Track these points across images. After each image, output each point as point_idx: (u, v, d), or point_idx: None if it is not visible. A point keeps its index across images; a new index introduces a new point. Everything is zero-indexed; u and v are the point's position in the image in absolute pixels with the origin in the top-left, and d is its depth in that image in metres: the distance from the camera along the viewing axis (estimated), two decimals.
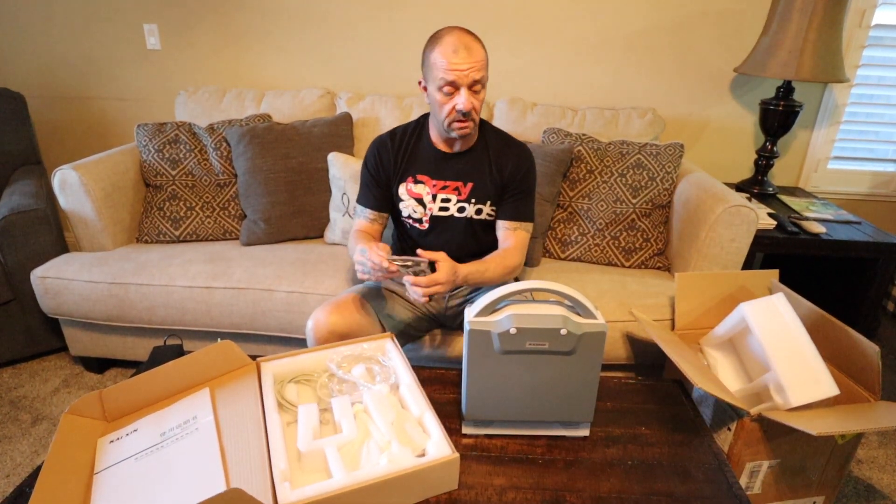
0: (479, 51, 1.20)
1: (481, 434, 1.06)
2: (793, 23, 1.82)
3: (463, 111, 1.21)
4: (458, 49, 1.17)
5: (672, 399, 1.20)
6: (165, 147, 1.91)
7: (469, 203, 1.36)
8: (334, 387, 1.05)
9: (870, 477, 1.54)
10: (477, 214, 1.38)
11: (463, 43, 1.18)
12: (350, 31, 2.20)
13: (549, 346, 0.96)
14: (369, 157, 1.38)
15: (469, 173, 1.35)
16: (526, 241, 1.39)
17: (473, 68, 1.18)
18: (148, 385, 1.01)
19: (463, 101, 1.20)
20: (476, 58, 1.19)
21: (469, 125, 1.25)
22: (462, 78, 1.18)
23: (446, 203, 1.36)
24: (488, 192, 1.36)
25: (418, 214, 1.38)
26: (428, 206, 1.37)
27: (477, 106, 1.23)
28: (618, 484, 0.96)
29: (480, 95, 1.24)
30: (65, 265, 1.71)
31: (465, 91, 1.20)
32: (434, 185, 1.36)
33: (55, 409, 1.72)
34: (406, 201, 1.37)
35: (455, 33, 1.20)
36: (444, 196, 1.36)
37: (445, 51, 1.18)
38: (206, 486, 0.81)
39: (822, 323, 1.32)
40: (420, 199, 1.37)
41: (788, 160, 2.28)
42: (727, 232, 1.57)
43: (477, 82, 1.20)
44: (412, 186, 1.36)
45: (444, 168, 1.36)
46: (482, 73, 1.21)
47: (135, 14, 2.23)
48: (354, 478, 0.83)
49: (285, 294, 1.61)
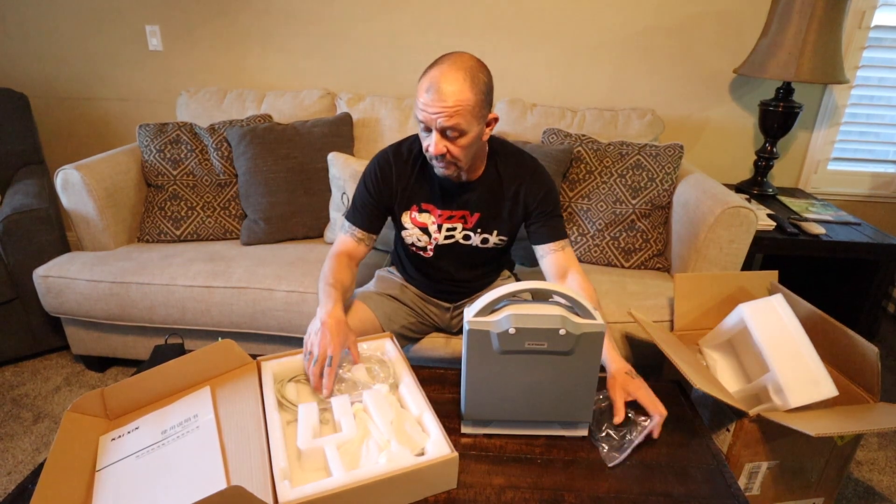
0: (459, 94, 1.03)
1: (480, 433, 1.06)
2: (792, 24, 1.82)
3: (432, 155, 1.11)
4: (430, 88, 1.04)
5: (671, 400, 1.20)
6: (167, 147, 1.92)
7: (475, 233, 1.29)
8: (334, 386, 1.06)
9: (870, 479, 1.55)
10: (483, 244, 1.30)
11: (439, 82, 1.03)
12: (350, 33, 2.20)
13: (548, 346, 0.96)
14: (370, 175, 1.26)
15: (476, 204, 1.26)
16: (575, 258, 1.28)
17: (442, 114, 1.04)
18: (149, 383, 1.01)
19: (431, 143, 1.09)
20: (449, 102, 1.03)
21: (449, 167, 1.13)
22: (429, 120, 1.06)
23: (451, 232, 1.29)
24: (498, 221, 1.28)
25: (422, 243, 1.30)
26: (433, 235, 1.29)
27: (454, 151, 1.09)
28: (616, 484, 0.96)
29: (460, 142, 1.08)
30: (67, 264, 1.72)
31: (436, 134, 1.08)
32: (440, 214, 1.27)
33: (56, 408, 1.72)
34: (410, 230, 1.29)
35: (440, 69, 1.05)
36: (449, 226, 1.28)
37: (422, 85, 1.06)
38: (206, 483, 0.82)
39: (821, 324, 1.32)
40: (425, 229, 1.29)
41: (788, 161, 2.28)
42: (726, 233, 1.57)
43: (449, 129, 1.06)
44: (416, 215, 1.28)
45: (451, 198, 1.25)
46: (455, 120, 1.04)
47: (137, 15, 2.24)
48: (354, 476, 0.84)
49: (285, 293, 1.61)
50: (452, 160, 1.12)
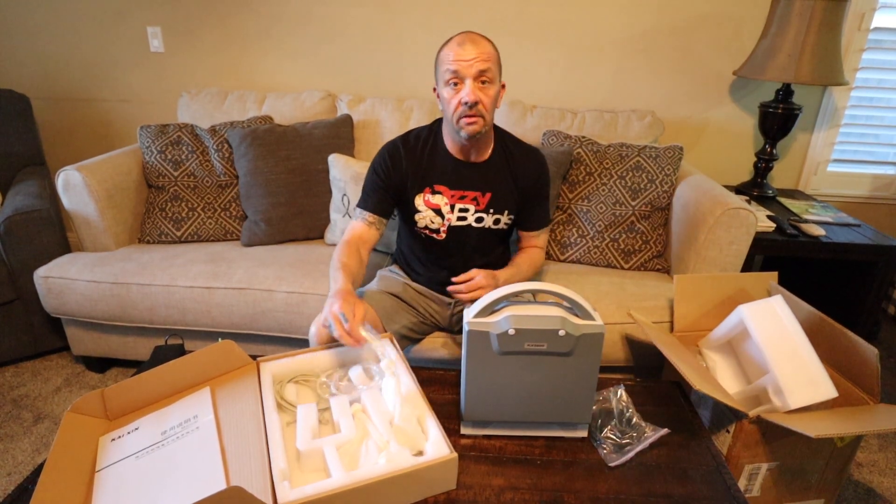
0: (486, 45, 1.20)
1: (480, 435, 1.06)
2: (792, 26, 1.82)
3: (467, 101, 1.18)
4: (463, 42, 1.19)
5: (670, 401, 1.20)
6: (168, 148, 1.93)
7: (487, 213, 1.34)
8: (334, 386, 1.06)
9: (870, 480, 1.54)
10: (495, 224, 1.36)
11: (469, 38, 1.20)
12: (351, 35, 2.21)
13: (548, 348, 0.96)
14: (379, 162, 1.33)
15: (488, 183, 1.33)
16: (546, 240, 1.44)
17: (478, 59, 1.18)
18: (149, 384, 1.02)
19: (467, 91, 1.18)
20: (481, 49, 1.19)
21: (477, 121, 1.21)
22: (466, 68, 1.18)
23: (464, 213, 1.34)
24: (508, 201, 1.35)
25: (436, 225, 1.35)
26: (446, 216, 1.34)
27: (484, 100, 1.20)
28: (616, 485, 0.96)
29: (489, 90, 1.21)
30: (67, 265, 1.72)
31: (470, 82, 1.18)
32: (452, 195, 1.33)
33: (56, 409, 1.73)
34: (423, 212, 1.34)
35: (464, 34, 1.22)
36: (462, 206, 1.33)
37: (451, 45, 1.21)
38: (206, 484, 0.82)
39: (820, 325, 1.32)
40: (438, 210, 1.33)
41: (788, 163, 2.28)
42: (726, 234, 1.57)
43: (483, 73, 1.18)
44: (430, 197, 1.33)
45: (463, 177, 1.33)
46: (488, 64, 1.19)
47: (138, 17, 2.24)
48: (353, 477, 0.84)
49: (285, 294, 1.62)
50: (482, 112, 1.21)
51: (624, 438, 1.05)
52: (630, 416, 1.08)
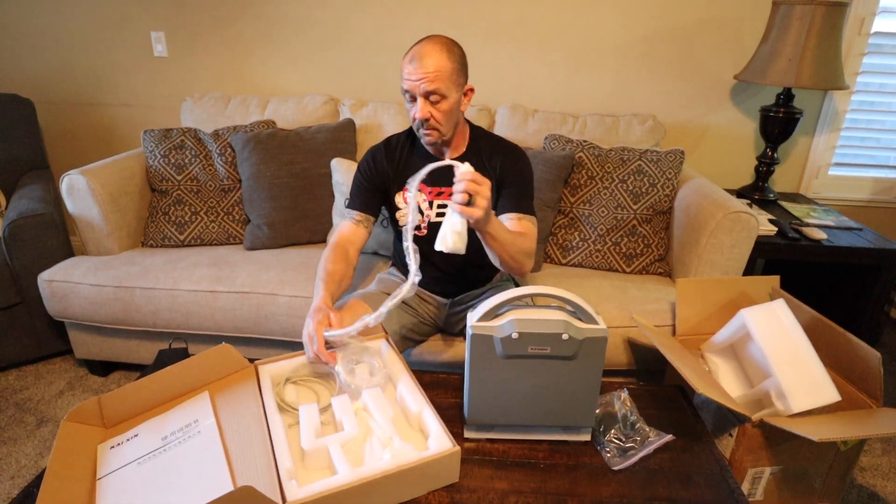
0: (437, 62, 1.19)
1: (483, 438, 1.06)
2: (792, 30, 1.83)
3: (418, 119, 1.23)
4: (413, 59, 1.20)
5: (673, 405, 1.20)
6: (171, 153, 1.93)
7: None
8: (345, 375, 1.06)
9: (874, 485, 1.54)
10: None
11: (421, 53, 1.19)
12: (353, 39, 2.22)
13: (551, 351, 0.97)
14: (363, 164, 1.40)
15: None
16: (534, 232, 1.35)
17: (424, 80, 1.18)
18: (147, 390, 1.01)
19: (417, 110, 1.22)
20: (430, 69, 1.18)
21: (432, 133, 1.25)
22: (414, 87, 1.20)
23: (443, 209, 1.37)
24: None
25: (416, 222, 1.38)
26: (425, 213, 1.38)
27: (437, 116, 1.23)
28: (619, 489, 0.96)
29: (441, 106, 1.22)
30: (71, 269, 1.73)
31: (420, 100, 1.21)
32: (430, 191, 1.36)
33: (59, 412, 1.73)
34: (403, 209, 1.38)
35: (420, 43, 1.22)
36: (440, 202, 1.37)
37: (405, 61, 1.22)
38: (213, 486, 0.82)
39: (822, 329, 1.33)
40: (417, 207, 1.37)
41: (789, 166, 2.29)
42: (728, 238, 1.58)
43: (432, 93, 1.20)
44: (408, 194, 1.37)
45: (439, 174, 1.31)
46: (436, 84, 1.19)
47: (142, 22, 2.26)
48: (359, 473, 0.85)
49: (288, 298, 1.62)
50: (435, 125, 1.24)
51: (627, 442, 1.05)
52: (634, 421, 1.08)
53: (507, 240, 1.21)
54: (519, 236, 1.30)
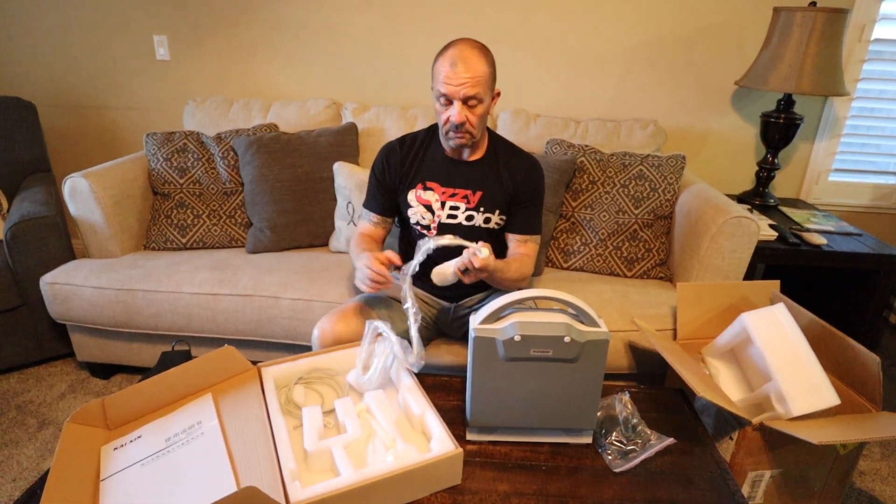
0: (478, 67, 1.20)
1: (485, 440, 1.07)
2: (793, 37, 1.84)
3: (455, 123, 1.24)
4: (454, 63, 1.19)
5: (674, 408, 1.21)
6: (173, 156, 1.94)
7: (478, 212, 1.37)
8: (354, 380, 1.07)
9: (872, 489, 1.54)
10: (485, 223, 1.39)
11: (461, 57, 1.19)
12: (356, 43, 2.23)
13: (553, 354, 0.97)
14: (377, 163, 1.41)
15: (479, 182, 1.37)
16: (536, 252, 1.42)
17: (466, 84, 1.19)
18: (150, 392, 1.02)
19: (454, 114, 1.22)
20: (471, 73, 1.19)
21: (464, 137, 1.27)
22: (454, 92, 1.20)
23: (455, 211, 1.38)
24: (498, 201, 1.38)
25: (426, 221, 1.39)
26: (437, 213, 1.38)
27: (472, 120, 1.24)
28: (620, 491, 0.97)
29: (477, 110, 1.24)
30: (73, 271, 1.73)
31: (458, 104, 1.22)
32: (443, 192, 1.37)
33: (61, 415, 1.73)
34: (415, 208, 1.39)
35: (458, 46, 1.21)
36: (452, 203, 1.37)
37: (443, 63, 1.21)
38: (217, 487, 0.82)
39: (822, 333, 1.33)
40: (429, 206, 1.38)
41: (789, 172, 2.30)
42: (728, 243, 1.58)
43: (471, 98, 1.21)
44: (421, 193, 1.38)
45: (454, 175, 1.37)
46: (476, 89, 1.20)
47: (145, 25, 2.27)
48: (362, 475, 0.85)
49: (290, 301, 1.63)
50: (469, 129, 1.26)
51: (629, 445, 1.05)
52: (635, 423, 1.08)
53: (504, 277, 1.28)
54: (517, 263, 1.34)
